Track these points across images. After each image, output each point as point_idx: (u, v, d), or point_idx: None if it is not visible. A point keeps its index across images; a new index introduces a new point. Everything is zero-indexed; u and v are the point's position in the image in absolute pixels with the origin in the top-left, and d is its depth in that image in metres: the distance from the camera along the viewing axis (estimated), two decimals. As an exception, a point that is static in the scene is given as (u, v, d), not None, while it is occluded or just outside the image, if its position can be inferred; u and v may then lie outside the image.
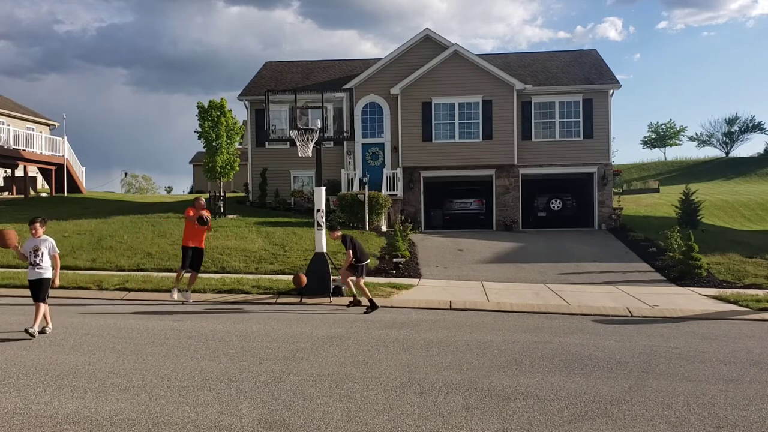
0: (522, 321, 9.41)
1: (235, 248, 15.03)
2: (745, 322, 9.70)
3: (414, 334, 8.19)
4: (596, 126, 23.15)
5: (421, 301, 10.90)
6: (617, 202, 24.61)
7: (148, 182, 64.75)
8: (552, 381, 6.00)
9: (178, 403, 5.20)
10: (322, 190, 11.59)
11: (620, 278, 13.77)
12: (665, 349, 7.48)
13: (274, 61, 28.90)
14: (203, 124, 23.08)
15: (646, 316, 10.05)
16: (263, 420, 4.82)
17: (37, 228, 7.94)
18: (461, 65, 23.03)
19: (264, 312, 9.75)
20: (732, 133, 65.40)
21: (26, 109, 35.77)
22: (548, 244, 18.45)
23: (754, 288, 12.55)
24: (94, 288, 11.38)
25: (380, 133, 23.88)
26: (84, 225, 17.75)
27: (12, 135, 25.27)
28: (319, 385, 5.76)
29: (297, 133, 11.14)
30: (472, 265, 15.23)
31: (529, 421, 4.87)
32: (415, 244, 17.60)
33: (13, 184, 28.78)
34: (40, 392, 5.44)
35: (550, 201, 23.89)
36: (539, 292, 12.08)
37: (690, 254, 13.80)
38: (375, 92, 23.72)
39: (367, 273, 13.71)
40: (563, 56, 26.68)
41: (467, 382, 5.93)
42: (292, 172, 24.70)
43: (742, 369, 6.61)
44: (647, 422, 4.90)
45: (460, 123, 23.00)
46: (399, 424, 4.79)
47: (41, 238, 7.95)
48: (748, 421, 4.97)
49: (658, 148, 70.95)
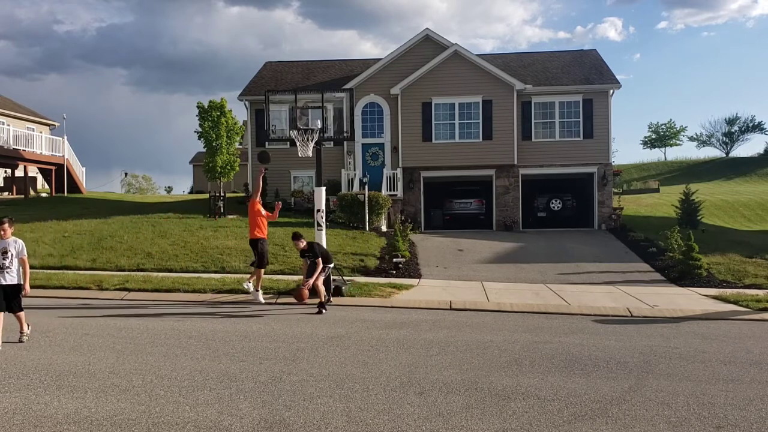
0: (522, 321, 9.41)
1: (235, 248, 15.03)
2: (745, 322, 9.70)
3: (414, 334, 8.19)
4: (596, 126, 23.15)
5: (421, 301, 10.89)
6: (617, 202, 24.61)
7: (148, 182, 64.73)
8: (552, 381, 6.00)
9: (178, 403, 5.21)
10: (322, 190, 11.59)
11: (620, 278, 13.77)
12: (665, 349, 7.48)
13: (274, 61, 28.89)
14: (203, 124, 23.09)
15: (646, 316, 10.05)
16: (263, 420, 4.82)
17: (6, 229, 7.32)
18: (461, 65, 23.02)
19: (264, 312, 9.75)
20: (732, 133, 65.39)
21: (26, 109, 35.77)
22: (548, 244, 18.45)
23: (754, 288, 12.55)
24: (94, 288, 11.38)
25: (380, 133, 23.88)
26: (84, 225, 17.75)
27: (12, 135, 25.27)
28: (319, 385, 5.76)
29: (297, 133, 11.14)
30: (472, 265, 15.23)
31: (529, 421, 4.87)
32: (415, 244, 17.60)
33: (13, 184, 28.77)
34: (40, 392, 5.44)
35: (550, 201, 23.89)
36: (539, 292, 12.08)
37: (690, 254, 13.80)
38: (375, 92, 23.72)
39: (368, 273, 13.74)
40: (563, 56, 26.67)
41: (467, 382, 5.93)
42: (292, 172, 24.70)
43: (742, 369, 6.61)
44: (647, 422, 4.90)
45: (460, 123, 23.00)
46: (399, 424, 4.79)
47: (10, 239, 7.39)
48: (748, 421, 4.97)
49: (658, 148, 70.97)
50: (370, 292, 11.29)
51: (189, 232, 16.70)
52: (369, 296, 11.11)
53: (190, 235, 16.42)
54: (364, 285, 11.81)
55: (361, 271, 13.75)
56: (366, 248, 15.90)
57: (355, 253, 15.15)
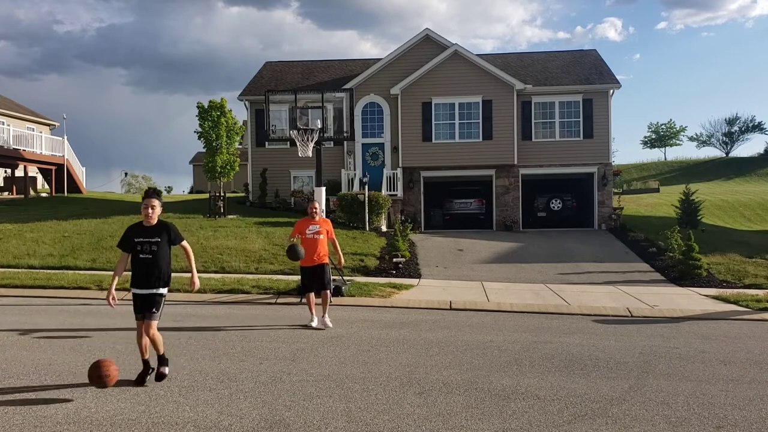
0: (522, 321, 9.41)
1: (235, 248, 15.04)
2: (745, 322, 9.70)
3: (414, 334, 8.19)
4: (596, 126, 23.15)
5: (421, 301, 10.89)
6: (617, 202, 24.60)
7: (148, 182, 64.71)
8: (552, 381, 6.00)
9: (178, 403, 5.21)
10: (322, 190, 11.60)
11: (620, 278, 13.76)
12: (665, 349, 7.48)
13: (274, 61, 28.89)
14: (203, 124, 23.08)
15: (646, 316, 10.05)
16: (263, 420, 4.82)
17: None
18: (461, 65, 23.02)
19: (264, 312, 9.74)
20: (732, 133, 65.41)
21: (26, 109, 35.77)
22: (548, 244, 18.45)
23: (754, 288, 12.54)
24: (94, 288, 11.38)
25: (380, 133, 23.88)
26: (84, 225, 17.75)
27: (12, 135, 25.28)
28: (319, 385, 5.76)
29: (297, 133, 11.15)
30: (472, 265, 15.23)
31: (529, 421, 4.87)
32: (415, 244, 17.60)
33: (13, 184, 28.77)
34: (40, 392, 5.44)
35: (550, 201, 23.89)
36: (539, 292, 12.07)
37: (690, 254, 13.79)
38: (375, 92, 23.72)
39: (368, 273, 13.75)
40: (563, 56, 26.67)
41: (467, 382, 5.93)
42: (292, 172, 24.70)
43: (742, 369, 6.61)
44: (647, 422, 4.90)
45: (460, 123, 23.00)
46: (399, 424, 4.79)
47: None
48: (748, 421, 4.97)
49: (658, 148, 71.00)
50: (370, 292, 11.29)
51: (189, 231, 16.69)
52: (369, 296, 11.11)
53: (189, 234, 16.40)
54: (364, 285, 11.81)
55: (361, 271, 13.75)
56: (366, 248, 15.90)
57: (355, 253, 15.15)
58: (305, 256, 8.49)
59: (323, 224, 8.83)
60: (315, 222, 8.70)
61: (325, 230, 8.78)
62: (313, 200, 8.98)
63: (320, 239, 8.66)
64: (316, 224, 8.69)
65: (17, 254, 14.06)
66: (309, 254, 8.53)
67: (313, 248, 8.57)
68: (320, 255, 8.61)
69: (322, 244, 8.71)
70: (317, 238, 8.63)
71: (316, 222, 8.72)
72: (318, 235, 8.64)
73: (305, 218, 8.87)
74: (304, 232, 8.67)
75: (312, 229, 8.64)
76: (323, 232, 8.73)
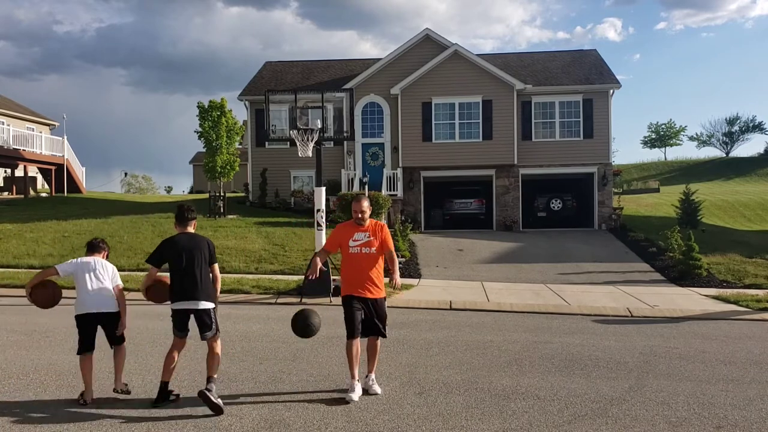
0: (522, 321, 9.41)
1: (235, 248, 15.04)
2: (745, 322, 9.70)
3: (414, 334, 8.19)
4: (596, 126, 23.13)
5: (421, 301, 10.89)
6: (617, 202, 24.59)
7: (148, 182, 64.67)
8: (552, 381, 6.00)
9: (178, 403, 5.21)
10: (322, 190, 11.59)
11: (620, 278, 13.76)
12: (665, 349, 7.48)
13: (273, 60, 28.88)
14: (203, 124, 23.09)
15: (647, 316, 10.05)
16: (263, 420, 4.82)
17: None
18: (461, 65, 23.01)
19: (264, 312, 9.74)
20: (732, 133, 65.38)
21: (26, 109, 35.75)
22: (548, 244, 18.44)
23: (754, 288, 12.54)
24: (94, 288, 11.36)
25: (380, 133, 23.87)
26: (84, 225, 17.75)
27: (12, 135, 25.26)
28: (319, 385, 5.76)
29: (297, 133, 11.15)
30: (472, 265, 15.22)
31: (529, 421, 4.87)
32: (415, 244, 17.60)
33: (13, 184, 28.76)
34: (40, 392, 5.44)
35: (550, 201, 23.87)
36: (539, 292, 12.07)
37: (690, 254, 13.79)
38: (375, 92, 23.70)
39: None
40: (563, 56, 26.66)
41: (467, 382, 5.93)
42: (292, 172, 24.69)
43: (742, 369, 6.61)
44: (647, 422, 4.90)
45: (460, 123, 22.99)
46: (399, 424, 4.79)
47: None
48: (749, 421, 4.97)
49: (658, 148, 70.93)
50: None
51: (189, 232, 16.70)
52: (369, 296, 11.09)
53: (190, 235, 16.41)
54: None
55: (361, 271, 13.73)
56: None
57: (355, 253, 15.13)
58: (350, 281, 5.71)
59: (376, 231, 5.77)
60: (363, 228, 5.74)
61: (380, 240, 5.74)
62: (360, 198, 5.81)
63: (372, 254, 5.71)
64: (365, 231, 5.74)
65: (17, 254, 14.05)
66: (356, 278, 5.68)
67: (361, 269, 5.68)
68: (373, 280, 5.71)
69: (376, 263, 5.75)
70: (369, 253, 5.70)
71: (365, 228, 5.75)
72: (369, 248, 5.70)
73: (347, 223, 5.91)
74: (346, 245, 5.74)
75: (359, 239, 5.70)
76: (375, 244, 5.72)
